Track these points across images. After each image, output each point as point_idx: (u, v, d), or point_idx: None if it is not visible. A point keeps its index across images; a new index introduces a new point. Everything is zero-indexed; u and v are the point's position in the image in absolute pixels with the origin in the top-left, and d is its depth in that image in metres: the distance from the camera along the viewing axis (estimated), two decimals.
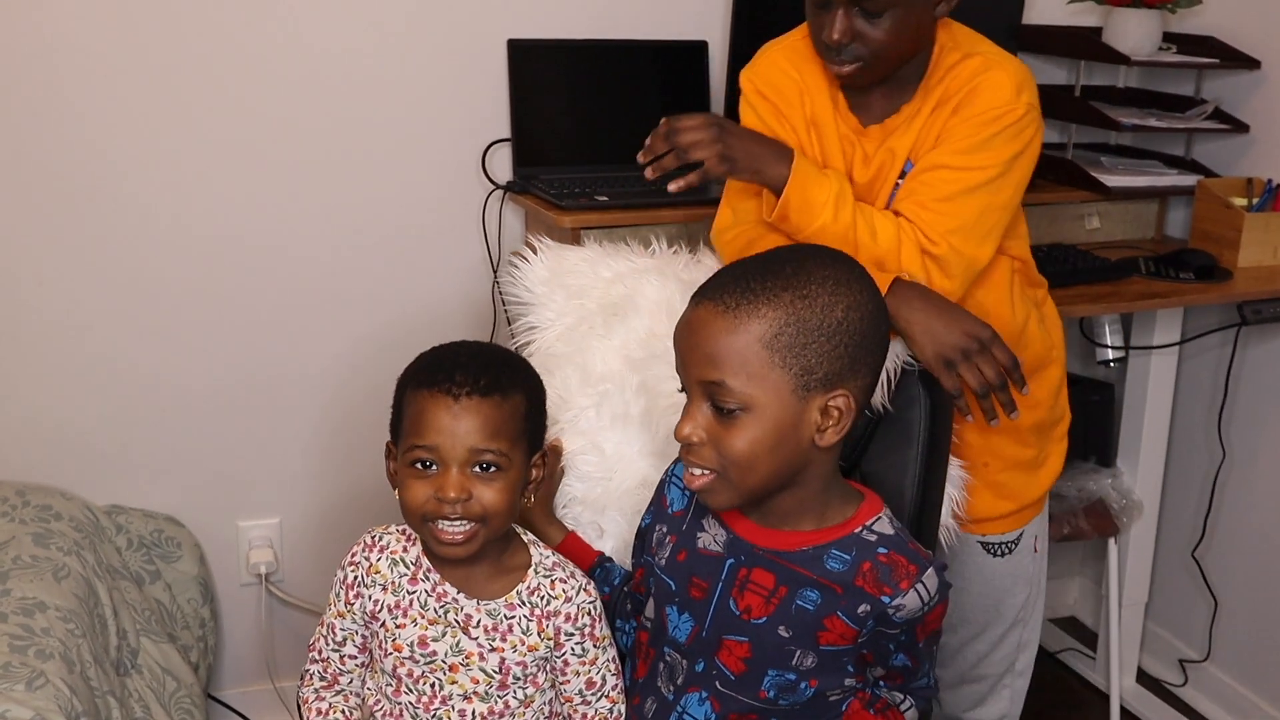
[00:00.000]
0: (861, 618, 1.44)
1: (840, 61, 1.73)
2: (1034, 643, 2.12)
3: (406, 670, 1.52)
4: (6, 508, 2.22)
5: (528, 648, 1.51)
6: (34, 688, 1.75)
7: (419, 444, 1.44)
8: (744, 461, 1.39)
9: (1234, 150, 2.71)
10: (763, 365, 1.37)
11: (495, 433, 1.44)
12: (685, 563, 1.52)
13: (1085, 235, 2.68)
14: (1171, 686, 2.92)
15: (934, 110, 1.78)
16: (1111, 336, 2.67)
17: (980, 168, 1.73)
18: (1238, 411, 2.74)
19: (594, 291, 1.87)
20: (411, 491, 1.45)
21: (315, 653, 1.60)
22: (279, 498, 2.59)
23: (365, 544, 1.56)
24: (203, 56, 2.32)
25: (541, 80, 2.50)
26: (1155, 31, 2.62)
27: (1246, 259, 2.53)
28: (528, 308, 1.91)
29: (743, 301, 1.38)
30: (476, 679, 1.51)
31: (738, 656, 1.49)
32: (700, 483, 1.42)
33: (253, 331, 2.48)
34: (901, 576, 1.42)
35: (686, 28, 2.56)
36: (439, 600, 1.51)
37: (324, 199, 2.46)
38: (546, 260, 1.91)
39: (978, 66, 1.77)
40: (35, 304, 2.35)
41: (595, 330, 1.85)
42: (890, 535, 1.46)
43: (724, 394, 1.38)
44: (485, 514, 1.45)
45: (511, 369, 1.50)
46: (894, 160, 1.81)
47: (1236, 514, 2.77)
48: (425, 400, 1.44)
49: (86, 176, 2.32)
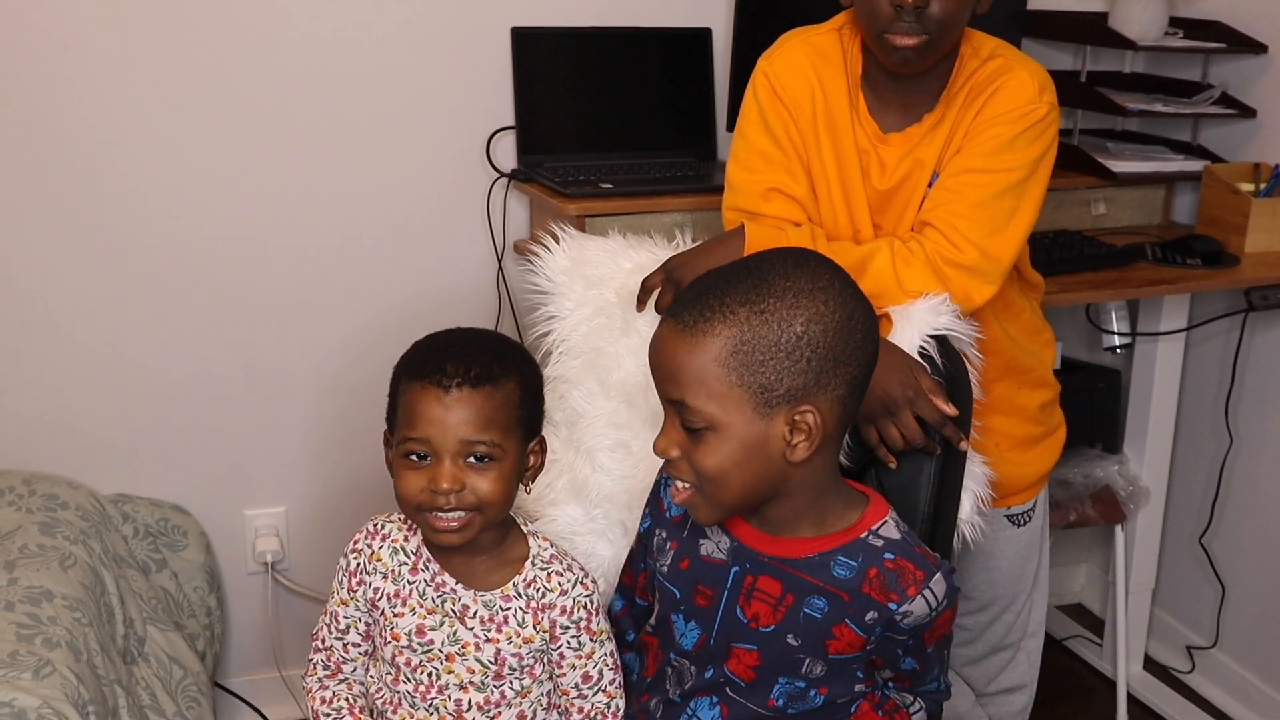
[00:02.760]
0: (869, 625, 1.42)
1: (908, 32, 1.69)
2: (1044, 600, 2.16)
3: (405, 659, 1.52)
4: (13, 497, 2.22)
5: (523, 640, 1.51)
6: (41, 676, 1.75)
7: (411, 436, 1.44)
8: (715, 478, 1.38)
9: (1241, 135, 2.70)
10: (721, 384, 1.34)
11: (487, 424, 1.43)
12: (689, 570, 1.51)
13: (1091, 221, 2.67)
14: (1179, 673, 2.92)
15: (958, 115, 1.78)
16: (1118, 323, 2.66)
17: (1007, 169, 1.73)
18: (1245, 397, 2.73)
19: (613, 282, 1.86)
20: (406, 482, 1.45)
21: (319, 641, 1.60)
22: (285, 486, 2.60)
23: (368, 532, 1.56)
24: (204, 46, 2.32)
25: (545, 68, 2.49)
26: (1162, 16, 2.61)
27: (1253, 244, 2.52)
28: (547, 297, 1.89)
29: (700, 320, 1.35)
30: (472, 669, 1.51)
31: (747, 665, 1.48)
32: (683, 497, 1.42)
33: (258, 321, 2.48)
34: (909, 583, 1.40)
35: (690, 15, 2.56)
36: (437, 590, 1.51)
37: (327, 188, 2.46)
38: (568, 250, 1.89)
39: (998, 68, 1.77)
40: (42, 295, 2.35)
41: (614, 323, 1.84)
42: (896, 540, 1.44)
43: (688, 414, 1.36)
44: (480, 504, 1.45)
45: (504, 357, 1.48)
46: (922, 169, 1.80)
47: (1244, 500, 2.76)
48: (417, 392, 1.44)
49: (90, 167, 2.32)
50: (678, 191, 2.34)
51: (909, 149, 1.81)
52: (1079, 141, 2.71)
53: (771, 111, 1.85)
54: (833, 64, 1.83)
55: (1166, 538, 2.89)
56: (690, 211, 2.31)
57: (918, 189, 1.81)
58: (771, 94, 1.85)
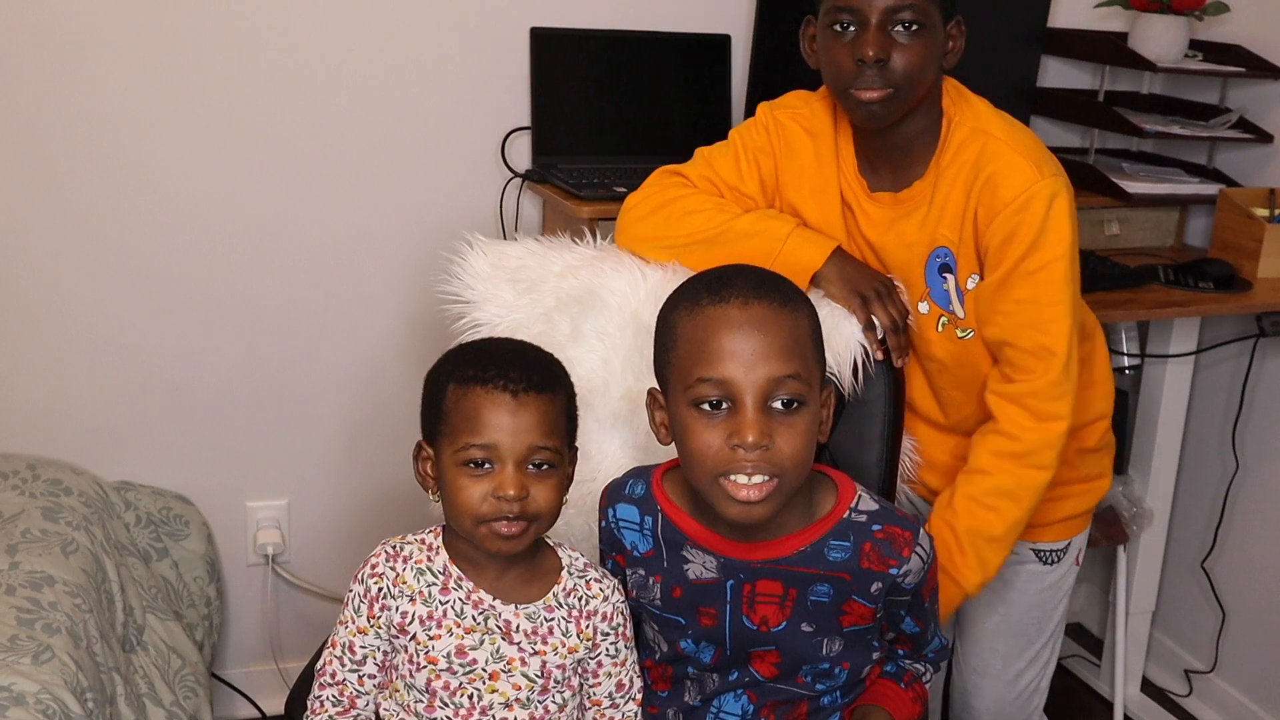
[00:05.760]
0: (875, 595, 1.46)
1: (872, 85, 1.69)
2: (1055, 660, 2.15)
3: (443, 683, 1.44)
4: (17, 481, 2.22)
5: (568, 649, 1.47)
6: (40, 661, 1.75)
7: (476, 442, 1.38)
8: (803, 458, 1.36)
9: (1257, 160, 2.69)
10: (811, 359, 1.38)
11: (551, 429, 1.40)
12: (684, 597, 1.50)
13: (1105, 241, 2.67)
14: (1176, 697, 2.91)
15: (949, 188, 1.76)
16: (1128, 344, 2.66)
17: (1055, 258, 1.72)
18: (1252, 423, 2.72)
19: (545, 285, 1.84)
20: (466, 493, 1.39)
21: (327, 677, 1.50)
22: (288, 479, 2.59)
23: (387, 554, 1.48)
24: (222, 41, 2.32)
25: (563, 69, 2.49)
26: (1182, 38, 2.60)
27: (1266, 270, 2.51)
28: (471, 305, 1.86)
29: (790, 299, 1.38)
30: (518, 685, 1.45)
31: (770, 663, 1.50)
32: (763, 491, 1.34)
33: (266, 314, 2.48)
34: (901, 545, 1.44)
35: (710, 21, 2.56)
36: (476, 608, 1.45)
37: (339, 183, 2.46)
38: (485, 254, 1.87)
39: (987, 153, 1.73)
40: (51, 283, 2.35)
41: (559, 329, 1.82)
42: (877, 510, 1.47)
43: (793, 387, 1.34)
44: (539, 513, 1.40)
45: (554, 365, 1.46)
46: (920, 239, 1.80)
47: (1248, 526, 2.76)
48: (480, 396, 1.38)
49: (98, 158, 2.31)
50: None
51: (901, 212, 1.80)
52: (1094, 161, 2.70)
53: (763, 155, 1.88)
54: (824, 124, 1.85)
55: (1168, 560, 2.88)
56: None
57: (915, 262, 1.81)
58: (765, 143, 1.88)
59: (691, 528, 1.48)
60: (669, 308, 1.42)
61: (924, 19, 1.68)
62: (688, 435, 1.37)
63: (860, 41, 1.68)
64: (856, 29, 1.69)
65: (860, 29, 1.69)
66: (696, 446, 1.36)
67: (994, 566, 1.78)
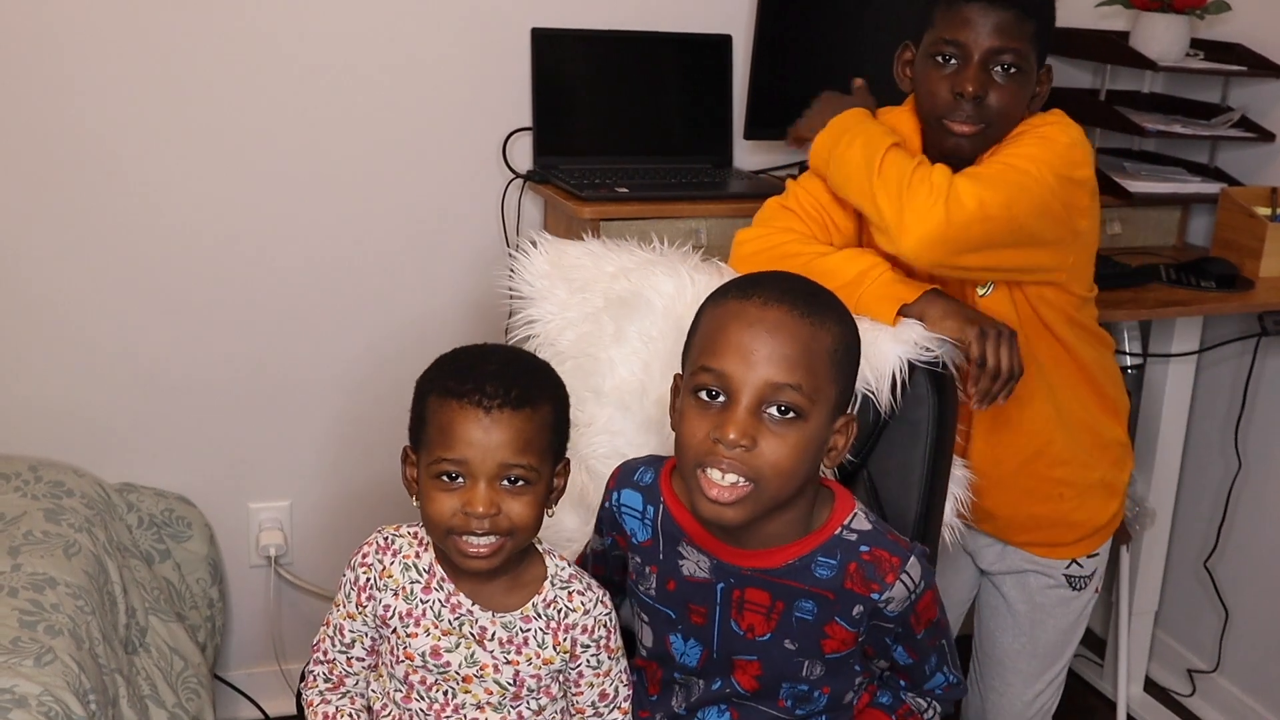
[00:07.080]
0: (857, 619, 1.44)
1: (967, 119, 1.75)
2: (1066, 675, 2.16)
3: (419, 678, 1.47)
4: (19, 483, 2.22)
5: (543, 660, 1.47)
6: (43, 663, 1.75)
7: (447, 457, 1.38)
8: (783, 472, 1.34)
9: (1259, 159, 2.69)
10: (823, 377, 1.36)
11: (525, 446, 1.38)
12: (677, 591, 1.50)
13: (1106, 240, 2.66)
14: (1179, 696, 2.91)
15: None
16: (1130, 343, 2.65)
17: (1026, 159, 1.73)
18: (1255, 422, 2.72)
19: (597, 286, 1.84)
20: (437, 505, 1.40)
21: (320, 654, 1.54)
22: (290, 481, 2.59)
23: (378, 545, 1.50)
24: (224, 43, 2.32)
25: (564, 70, 2.49)
26: (1183, 37, 2.60)
27: (1269, 269, 2.51)
28: (528, 302, 1.88)
29: (816, 310, 1.37)
30: (490, 690, 1.46)
31: (750, 675, 1.49)
32: (733, 494, 1.34)
33: (268, 316, 2.48)
34: (886, 570, 1.42)
35: (711, 21, 2.56)
36: (453, 611, 1.46)
37: (342, 184, 2.46)
38: (547, 253, 1.88)
39: None
40: (55, 285, 2.35)
41: (604, 329, 1.83)
42: (869, 531, 1.45)
43: (786, 397, 1.33)
44: (513, 528, 1.39)
45: (540, 378, 1.45)
46: None
47: (1250, 525, 2.75)
48: (454, 411, 1.38)
49: (102, 159, 2.32)
50: (693, 198, 2.34)
51: None
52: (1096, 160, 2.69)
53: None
54: (909, 133, 1.86)
55: (1171, 560, 2.88)
56: (705, 218, 2.31)
57: None
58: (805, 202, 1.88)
59: (690, 524, 1.48)
60: (706, 299, 1.44)
61: (1022, 63, 1.74)
62: (683, 420, 1.39)
63: (961, 77, 1.74)
64: (959, 63, 1.74)
65: (963, 64, 1.74)
66: (686, 432, 1.37)
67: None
